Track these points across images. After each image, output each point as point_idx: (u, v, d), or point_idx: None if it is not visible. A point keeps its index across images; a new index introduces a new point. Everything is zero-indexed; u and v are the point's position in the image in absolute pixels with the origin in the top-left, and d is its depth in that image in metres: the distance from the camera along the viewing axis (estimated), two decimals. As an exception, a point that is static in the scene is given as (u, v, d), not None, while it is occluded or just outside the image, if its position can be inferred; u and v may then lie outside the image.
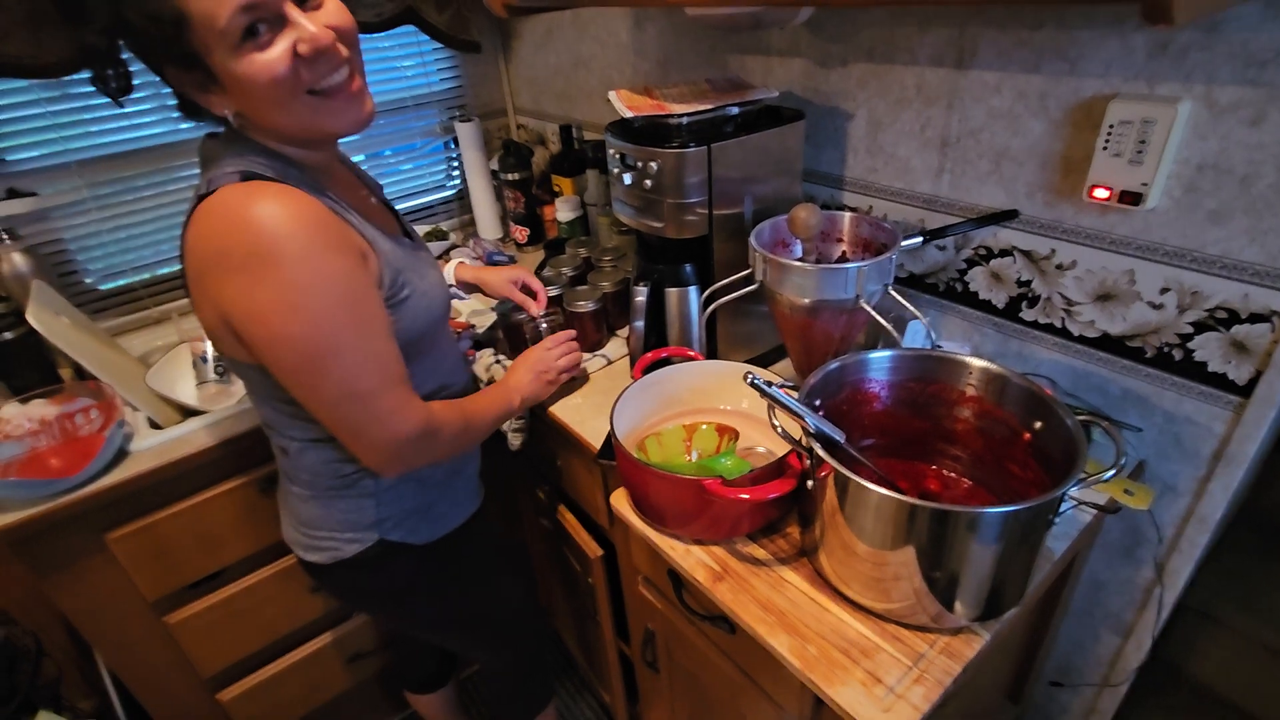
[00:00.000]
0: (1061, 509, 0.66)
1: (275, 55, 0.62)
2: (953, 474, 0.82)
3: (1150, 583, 0.94)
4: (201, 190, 0.68)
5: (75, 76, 1.26)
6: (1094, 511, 0.81)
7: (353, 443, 0.75)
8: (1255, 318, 0.74)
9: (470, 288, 1.19)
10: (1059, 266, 0.88)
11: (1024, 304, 0.94)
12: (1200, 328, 0.78)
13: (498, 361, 1.19)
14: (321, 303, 0.66)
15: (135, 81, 0.97)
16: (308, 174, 0.73)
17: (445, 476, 0.93)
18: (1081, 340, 0.89)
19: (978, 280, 0.98)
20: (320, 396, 0.71)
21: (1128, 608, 0.99)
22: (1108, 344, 0.87)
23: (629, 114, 0.95)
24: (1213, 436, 0.81)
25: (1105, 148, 0.77)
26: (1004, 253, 0.93)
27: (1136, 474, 0.88)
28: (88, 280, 1.43)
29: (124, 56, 0.68)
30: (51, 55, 1.21)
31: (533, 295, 1.12)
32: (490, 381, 1.20)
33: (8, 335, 1.20)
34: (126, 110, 1.37)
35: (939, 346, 0.89)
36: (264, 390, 0.78)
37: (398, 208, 0.95)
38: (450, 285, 1.15)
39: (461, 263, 1.18)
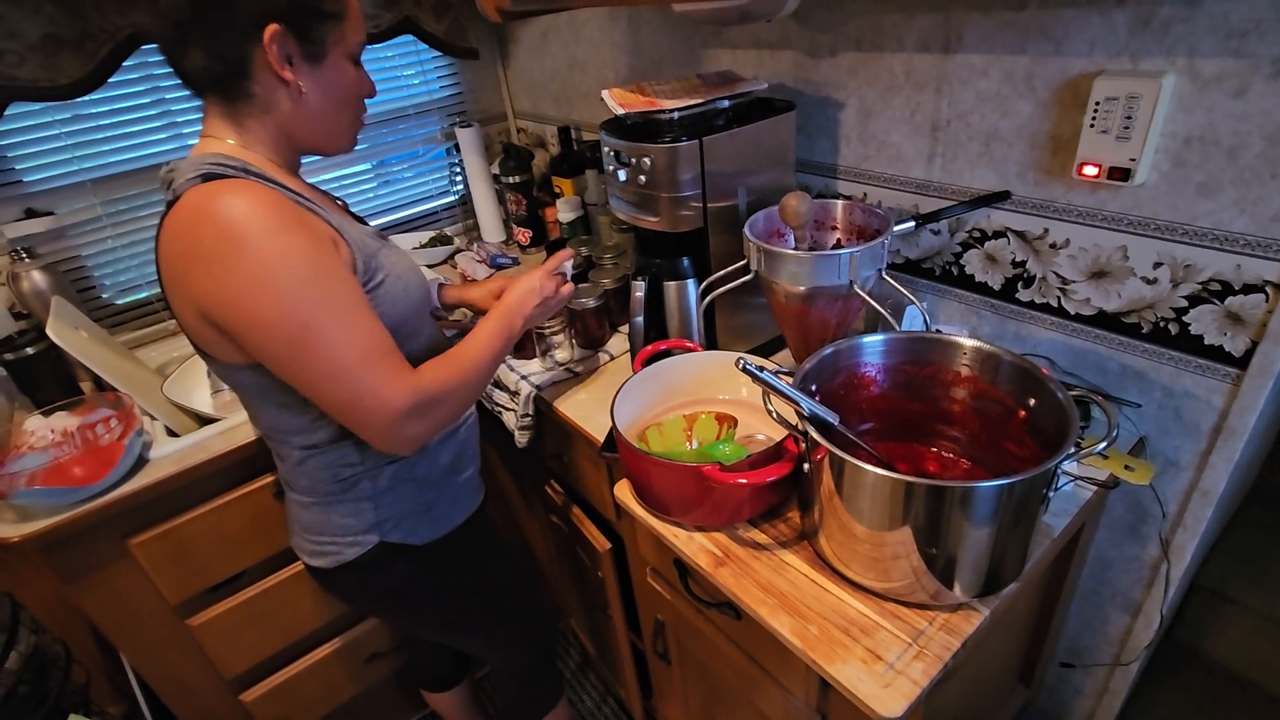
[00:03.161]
0: (1059, 484, 0.66)
1: (360, 80, 0.81)
2: (951, 455, 0.83)
3: (1157, 559, 0.94)
4: (168, 198, 0.71)
5: (88, 98, 1.30)
6: (1094, 488, 0.81)
7: (353, 424, 0.74)
8: (1249, 288, 0.74)
9: (454, 309, 1.19)
10: (1052, 245, 0.88)
11: (1020, 285, 0.94)
12: (1195, 301, 0.78)
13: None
14: (289, 280, 0.67)
15: (147, 100, 0.97)
16: (281, 178, 0.75)
17: (444, 476, 0.94)
18: (1078, 318, 0.90)
19: (973, 263, 0.98)
20: (308, 378, 0.71)
21: (1136, 585, 0.99)
22: (1104, 321, 0.87)
23: (621, 111, 0.96)
24: (1212, 410, 0.81)
25: (1092, 125, 0.77)
26: (998, 234, 0.93)
27: (1137, 450, 0.88)
28: (105, 295, 1.47)
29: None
30: (66, 77, 1.25)
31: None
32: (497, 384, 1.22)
33: (30, 351, 1.24)
34: (137, 129, 1.41)
35: (937, 330, 0.89)
36: (258, 398, 0.81)
37: (401, 215, 0.98)
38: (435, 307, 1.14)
39: (443, 284, 1.15)
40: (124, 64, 1.30)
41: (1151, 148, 0.75)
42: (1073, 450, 0.61)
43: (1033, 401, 0.72)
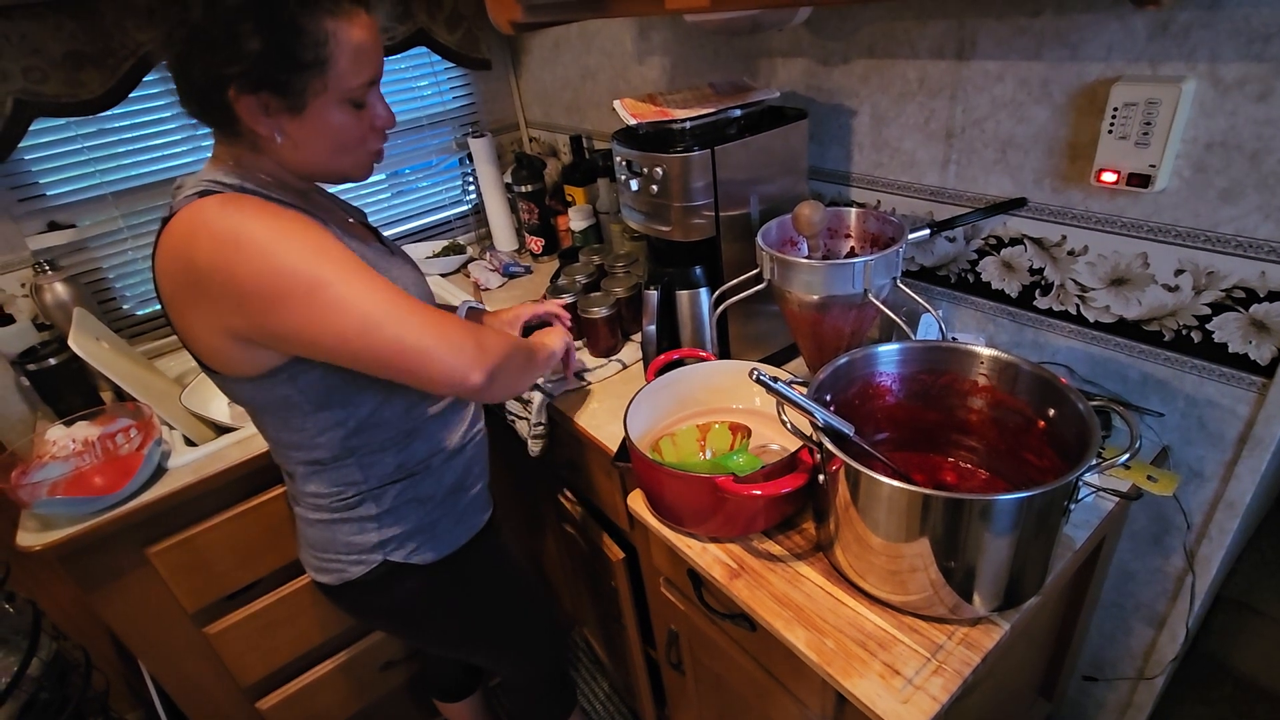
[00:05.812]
0: (1080, 496, 0.65)
1: (363, 119, 0.77)
2: (969, 465, 0.82)
3: (1181, 571, 0.92)
4: (164, 214, 0.72)
5: (111, 112, 1.32)
6: (1116, 499, 0.79)
7: (409, 370, 0.70)
8: (1274, 296, 0.72)
9: None
10: (1070, 253, 0.87)
11: (1037, 292, 0.93)
12: (1218, 308, 0.77)
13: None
14: (292, 252, 0.67)
15: (167, 114, 0.96)
16: (284, 195, 0.76)
17: (449, 494, 0.93)
18: (1097, 326, 0.88)
19: (989, 270, 0.97)
20: (345, 341, 0.68)
21: (1159, 598, 0.97)
22: (1124, 329, 0.86)
23: (633, 121, 0.96)
24: (1237, 419, 0.80)
25: (1110, 131, 0.76)
26: (1014, 241, 0.92)
27: (1160, 460, 0.86)
28: (125, 306, 1.49)
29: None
30: (88, 93, 1.28)
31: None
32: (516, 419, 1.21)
33: (52, 361, 1.26)
34: (158, 141, 1.43)
35: (954, 339, 0.88)
36: (260, 413, 0.81)
37: (415, 224, 0.98)
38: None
39: (473, 307, 1.14)
40: (145, 78, 1.32)
41: (1172, 153, 0.73)
42: (1095, 462, 0.60)
43: (1052, 411, 0.71)
